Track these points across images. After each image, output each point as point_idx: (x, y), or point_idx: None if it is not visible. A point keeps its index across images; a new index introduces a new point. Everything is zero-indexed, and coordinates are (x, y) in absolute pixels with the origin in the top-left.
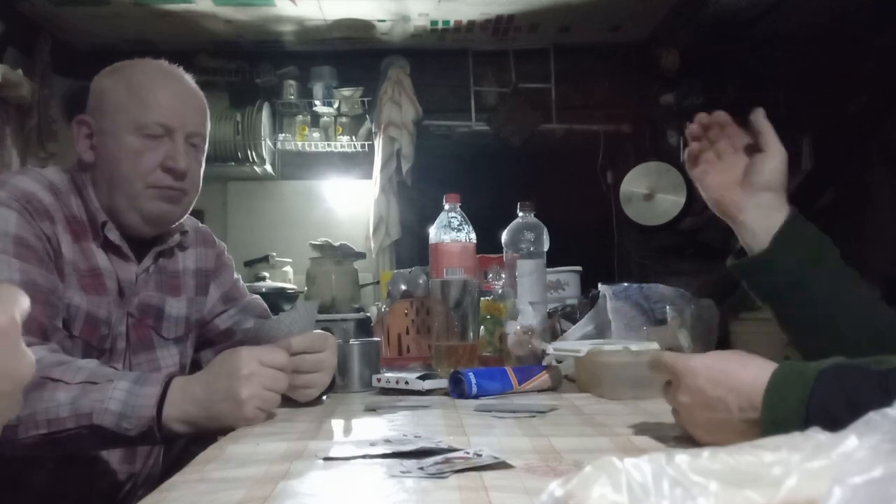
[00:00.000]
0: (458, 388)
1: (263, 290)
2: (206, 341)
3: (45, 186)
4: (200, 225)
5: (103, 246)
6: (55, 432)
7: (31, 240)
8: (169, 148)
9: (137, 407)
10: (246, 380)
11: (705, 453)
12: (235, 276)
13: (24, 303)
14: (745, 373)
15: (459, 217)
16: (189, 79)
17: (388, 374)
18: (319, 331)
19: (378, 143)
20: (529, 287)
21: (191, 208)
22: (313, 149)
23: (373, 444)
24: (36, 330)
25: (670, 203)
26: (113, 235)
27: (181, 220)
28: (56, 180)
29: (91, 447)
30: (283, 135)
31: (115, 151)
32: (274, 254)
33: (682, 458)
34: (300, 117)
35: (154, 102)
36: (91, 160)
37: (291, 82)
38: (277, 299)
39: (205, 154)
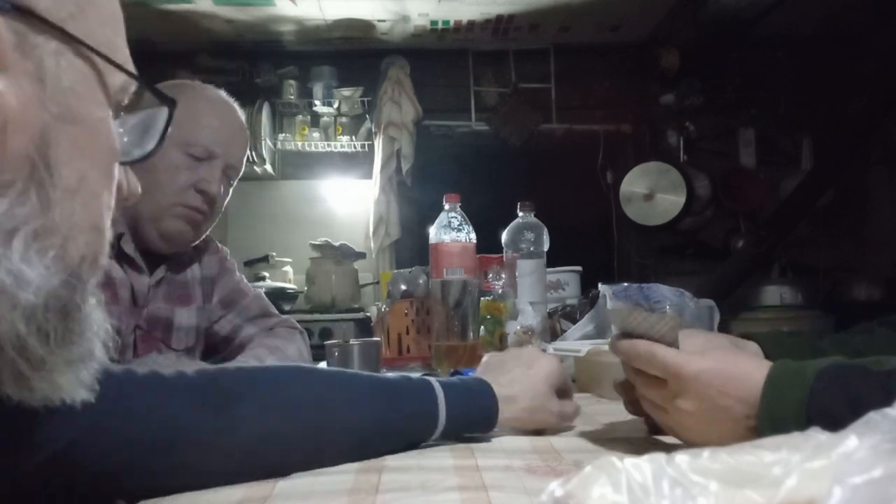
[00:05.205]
0: None
1: (263, 290)
2: (211, 348)
3: None
4: None
5: (116, 257)
6: None
7: None
8: (206, 172)
9: None
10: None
11: (705, 453)
12: (237, 277)
13: None
14: (752, 380)
15: (459, 217)
16: (242, 116)
17: (389, 375)
18: None
19: (378, 143)
20: (529, 287)
21: (204, 235)
22: (313, 149)
23: None
24: None
25: (670, 203)
26: (128, 248)
27: (195, 243)
28: None
29: None
30: (283, 135)
31: (156, 160)
32: (274, 254)
33: (682, 458)
34: (300, 117)
35: (207, 126)
36: None
37: (291, 82)
38: (277, 299)
39: (232, 188)
